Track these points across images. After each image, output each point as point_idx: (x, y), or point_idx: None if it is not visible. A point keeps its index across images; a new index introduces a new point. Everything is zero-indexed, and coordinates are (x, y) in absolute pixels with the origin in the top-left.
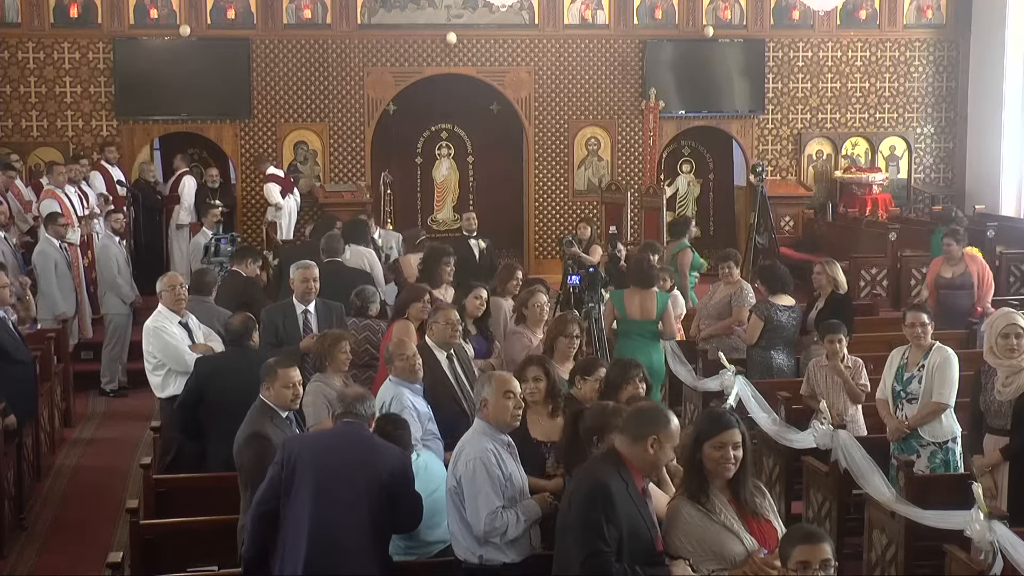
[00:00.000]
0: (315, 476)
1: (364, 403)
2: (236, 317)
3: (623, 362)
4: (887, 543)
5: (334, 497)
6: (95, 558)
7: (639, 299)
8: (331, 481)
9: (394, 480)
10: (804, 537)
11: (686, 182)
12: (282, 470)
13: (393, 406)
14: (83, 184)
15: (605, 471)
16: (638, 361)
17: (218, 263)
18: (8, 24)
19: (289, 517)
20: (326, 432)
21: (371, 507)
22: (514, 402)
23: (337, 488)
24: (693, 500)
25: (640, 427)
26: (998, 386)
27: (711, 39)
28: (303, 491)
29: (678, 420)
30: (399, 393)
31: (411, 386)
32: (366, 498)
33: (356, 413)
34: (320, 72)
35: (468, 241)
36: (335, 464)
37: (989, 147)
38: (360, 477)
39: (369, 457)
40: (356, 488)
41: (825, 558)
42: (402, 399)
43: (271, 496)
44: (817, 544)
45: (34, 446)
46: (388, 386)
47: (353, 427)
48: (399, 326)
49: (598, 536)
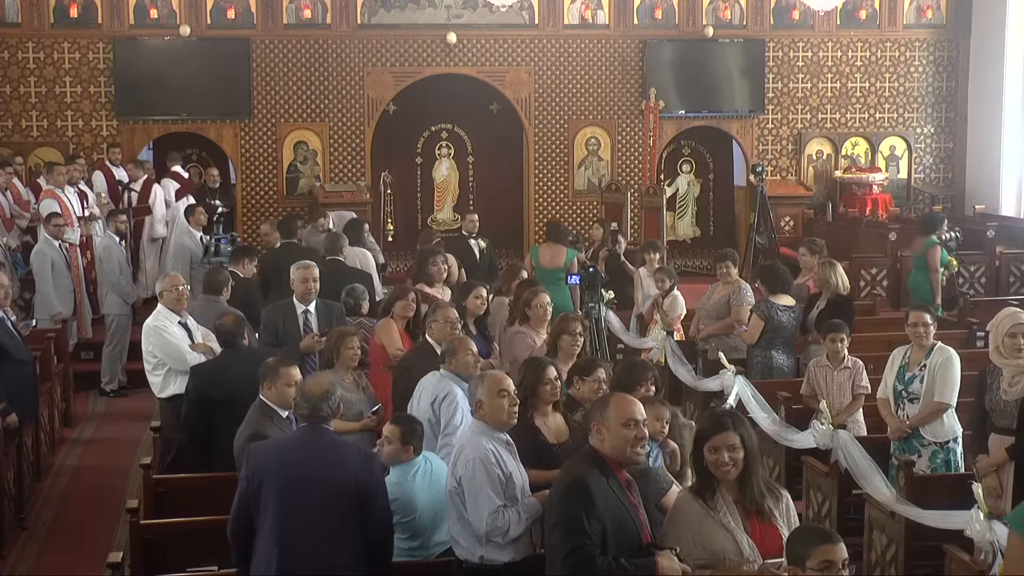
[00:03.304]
0: (281, 489)
1: (328, 400)
2: (226, 317)
3: (632, 364)
4: (887, 543)
5: (300, 511)
6: (95, 558)
7: (550, 253)
8: (297, 494)
9: (360, 485)
10: (824, 537)
11: (686, 182)
12: (249, 485)
13: (445, 405)
14: (83, 184)
15: (583, 467)
16: (647, 363)
17: (218, 263)
18: (8, 24)
19: (261, 530)
20: (290, 440)
21: (340, 516)
22: (509, 400)
23: (303, 502)
24: (698, 496)
25: (589, 419)
26: (1004, 385)
27: (711, 39)
28: (270, 506)
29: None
30: (452, 391)
31: (464, 383)
32: (333, 508)
33: (323, 415)
34: (320, 72)
35: (468, 241)
36: (299, 476)
37: (989, 147)
38: (326, 484)
39: (335, 462)
40: (322, 500)
41: (846, 557)
42: (453, 397)
43: (242, 511)
44: (838, 544)
45: (34, 446)
46: (439, 380)
47: (317, 432)
48: (381, 324)
49: (580, 531)
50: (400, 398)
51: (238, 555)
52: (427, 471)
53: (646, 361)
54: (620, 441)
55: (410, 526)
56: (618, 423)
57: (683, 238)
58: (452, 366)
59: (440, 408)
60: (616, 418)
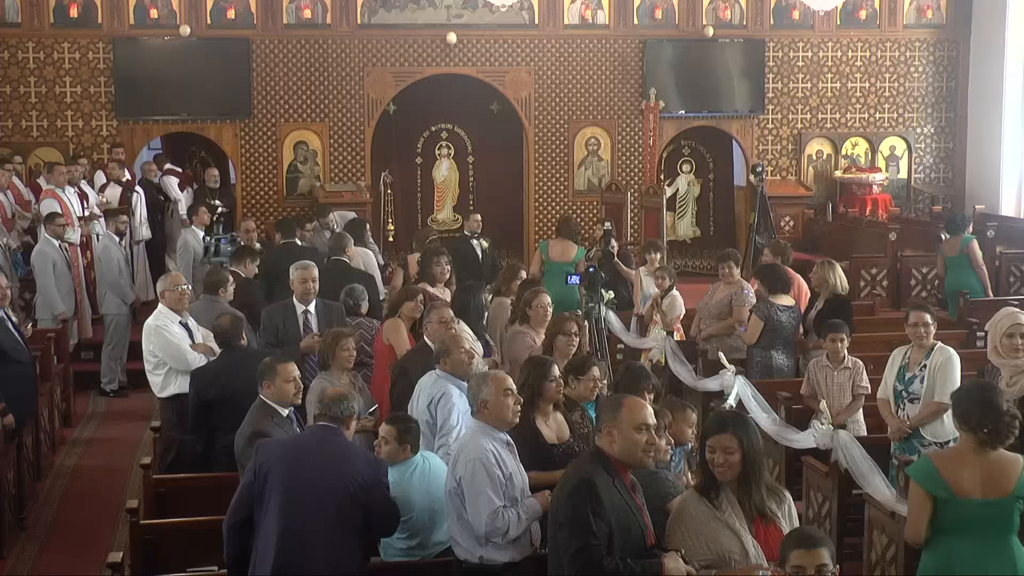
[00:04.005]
0: (285, 487)
1: (342, 405)
2: (224, 318)
3: (634, 370)
4: (887, 543)
5: (302, 509)
6: (95, 558)
7: (561, 247)
8: (301, 493)
9: (365, 489)
10: (801, 541)
11: (686, 182)
12: (254, 479)
13: (441, 405)
14: (83, 184)
15: (590, 467)
16: (647, 371)
17: (218, 263)
18: (8, 24)
19: (262, 527)
20: (300, 439)
21: (341, 517)
22: (513, 399)
23: (306, 499)
24: (703, 496)
25: (600, 419)
26: (1002, 385)
27: (711, 39)
28: (273, 501)
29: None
30: (448, 391)
31: (459, 383)
32: (335, 509)
33: (333, 416)
34: (320, 72)
35: (470, 241)
36: (305, 474)
37: (989, 147)
38: (330, 487)
39: (341, 466)
40: (324, 500)
41: (821, 563)
42: (449, 397)
43: (243, 505)
44: (813, 549)
45: (34, 446)
46: (435, 380)
47: (328, 433)
48: (389, 324)
49: (586, 530)
50: (398, 399)
51: (230, 552)
52: (425, 470)
53: (646, 368)
54: (631, 444)
55: (407, 525)
56: (631, 426)
57: (683, 238)
58: (447, 366)
59: (436, 409)
60: (629, 421)
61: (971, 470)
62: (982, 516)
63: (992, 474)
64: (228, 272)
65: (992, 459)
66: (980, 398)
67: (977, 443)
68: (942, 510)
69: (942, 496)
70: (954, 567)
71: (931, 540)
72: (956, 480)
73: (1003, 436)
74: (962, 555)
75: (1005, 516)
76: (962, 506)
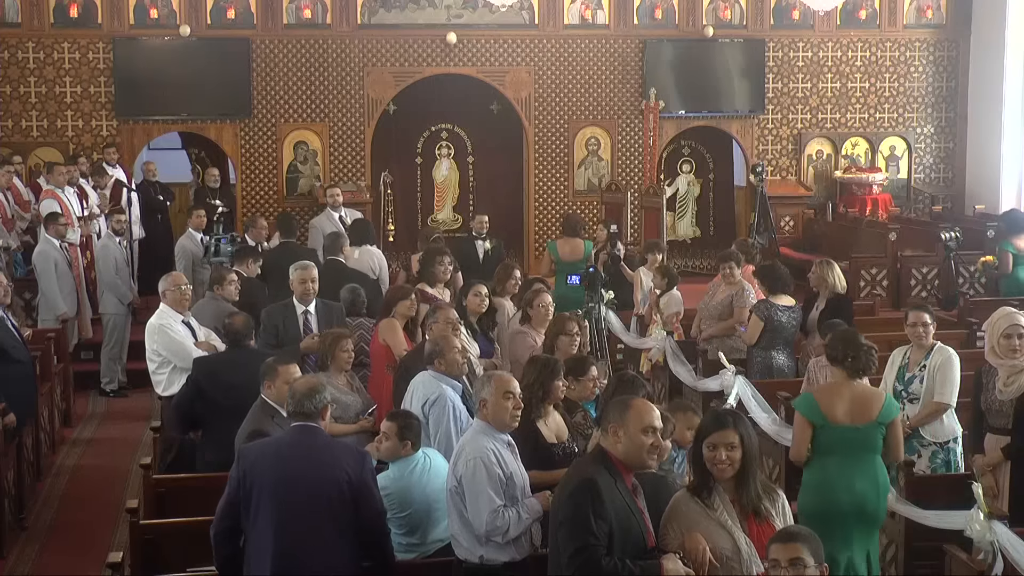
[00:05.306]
0: (273, 492)
1: (314, 398)
2: (236, 317)
3: (627, 380)
4: (887, 543)
5: (294, 512)
6: (95, 558)
7: (570, 246)
8: (290, 496)
9: (353, 484)
10: (780, 535)
11: (686, 182)
12: (239, 487)
13: (435, 409)
14: (83, 184)
15: (592, 468)
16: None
17: (218, 263)
18: (8, 24)
19: (252, 535)
20: (280, 440)
21: (332, 514)
22: (513, 402)
23: (296, 502)
24: (696, 495)
25: (605, 419)
26: (999, 385)
27: (711, 39)
28: (263, 508)
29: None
30: (442, 392)
31: (453, 383)
32: (325, 507)
33: (307, 412)
34: (320, 72)
35: (475, 242)
36: (292, 478)
37: (989, 147)
38: (318, 488)
39: (326, 463)
40: (315, 500)
41: (794, 557)
42: (444, 399)
43: (228, 513)
44: (788, 543)
45: (34, 446)
46: (428, 381)
47: (306, 432)
48: (385, 324)
49: (586, 530)
50: (399, 400)
51: (220, 558)
52: (426, 467)
53: (638, 376)
54: (636, 447)
55: (406, 521)
56: (637, 428)
57: (683, 238)
58: (440, 367)
59: (430, 412)
60: (635, 423)
61: (842, 401)
62: (851, 439)
63: (859, 404)
64: (230, 271)
65: (859, 392)
66: (843, 336)
67: (845, 375)
68: (819, 435)
69: (819, 423)
70: (829, 481)
71: (810, 460)
72: (830, 410)
73: (864, 364)
74: (835, 472)
75: (870, 440)
76: (835, 431)
